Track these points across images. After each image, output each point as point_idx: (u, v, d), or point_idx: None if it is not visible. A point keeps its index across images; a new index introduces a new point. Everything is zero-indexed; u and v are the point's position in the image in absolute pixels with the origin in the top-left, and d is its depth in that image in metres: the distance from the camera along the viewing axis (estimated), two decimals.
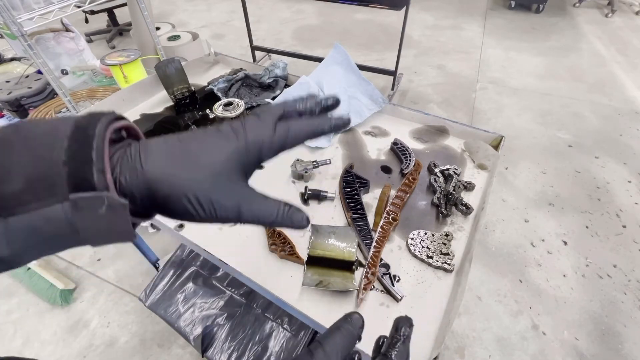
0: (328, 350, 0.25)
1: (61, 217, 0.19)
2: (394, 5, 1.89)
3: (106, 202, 0.19)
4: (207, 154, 0.23)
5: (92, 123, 0.20)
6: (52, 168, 0.19)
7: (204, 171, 0.22)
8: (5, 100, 1.39)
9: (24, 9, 1.02)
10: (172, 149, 0.22)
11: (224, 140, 0.23)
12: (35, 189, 0.18)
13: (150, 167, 0.21)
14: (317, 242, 0.53)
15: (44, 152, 0.19)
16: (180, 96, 0.89)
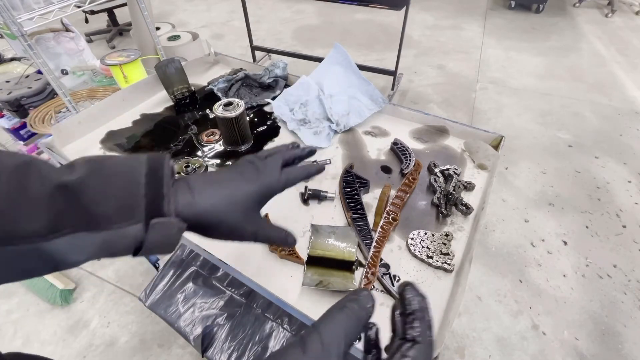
0: (326, 339, 0.20)
1: (133, 235, 0.25)
2: (394, 5, 1.89)
3: (176, 226, 0.26)
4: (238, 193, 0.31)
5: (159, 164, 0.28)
6: (134, 199, 0.25)
7: (236, 206, 0.31)
8: (5, 100, 1.38)
9: (24, 9, 1.02)
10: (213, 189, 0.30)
11: (249, 183, 0.32)
12: (121, 213, 0.24)
13: (199, 201, 0.29)
14: (317, 242, 0.53)
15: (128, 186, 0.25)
16: (180, 96, 0.89)
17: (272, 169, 0.34)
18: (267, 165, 0.34)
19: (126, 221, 0.24)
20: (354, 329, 0.22)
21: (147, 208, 0.25)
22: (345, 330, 0.21)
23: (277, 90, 0.92)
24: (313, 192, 0.63)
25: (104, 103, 0.84)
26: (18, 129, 1.54)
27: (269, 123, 0.84)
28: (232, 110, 0.69)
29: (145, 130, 0.82)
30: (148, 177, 0.26)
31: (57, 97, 1.48)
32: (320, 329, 0.21)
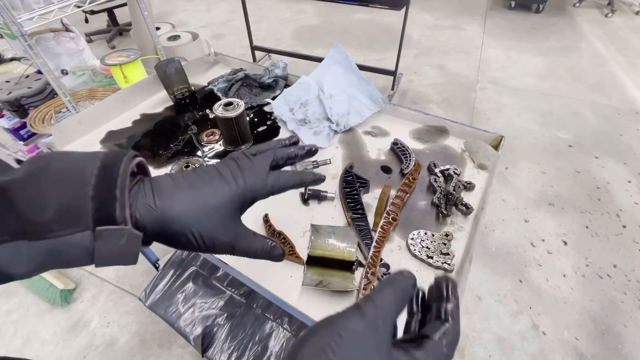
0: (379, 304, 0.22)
1: (82, 244, 0.22)
2: (394, 5, 1.89)
3: (126, 235, 0.23)
4: (211, 197, 0.27)
5: (116, 163, 0.24)
6: (80, 201, 0.22)
7: (208, 212, 0.27)
8: (5, 100, 1.38)
9: (24, 9, 1.02)
10: (181, 191, 0.27)
11: (225, 185, 0.28)
12: (64, 219, 0.22)
13: (162, 206, 0.25)
14: (317, 242, 0.53)
15: (74, 187, 0.22)
16: (180, 96, 0.89)
17: (258, 169, 0.30)
18: (252, 165, 0.30)
19: (71, 228, 0.22)
20: (402, 300, 0.23)
21: (95, 213, 0.22)
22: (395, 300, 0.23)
23: (277, 90, 0.92)
24: (313, 192, 0.63)
25: (104, 103, 0.84)
26: (18, 129, 1.54)
27: (269, 123, 0.84)
28: (232, 110, 0.69)
29: (145, 130, 0.82)
30: (99, 177, 0.23)
31: (57, 97, 1.48)
32: (374, 297, 0.22)
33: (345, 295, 0.50)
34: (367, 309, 0.21)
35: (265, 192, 0.30)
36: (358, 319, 0.21)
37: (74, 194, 0.22)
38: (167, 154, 0.75)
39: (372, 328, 0.21)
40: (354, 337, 0.20)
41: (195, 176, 0.28)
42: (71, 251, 0.22)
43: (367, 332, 0.20)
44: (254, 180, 0.29)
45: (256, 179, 0.29)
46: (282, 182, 0.31)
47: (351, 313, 0.21)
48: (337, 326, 0.20)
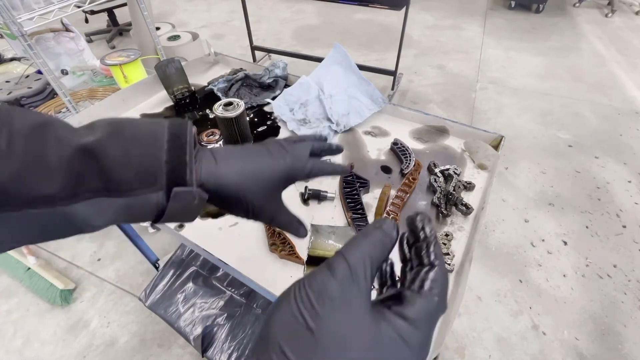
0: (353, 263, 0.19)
1: (155, 202, 0.25)
2: (394, 5, 1.89)
3: (197, 197, 0.26)
4: (263, 170, 0.30)
5: (182, 131, 0.27)
6: (155, 165, 0.25)
7: (260, 183, 0.30)
8: (5, 100, 1.39)
9: (24, 9, 1.02)
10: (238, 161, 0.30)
11: (274, 161, 0.31)
12: (143, 179, 0.24)
13: (222, 172, 0.28)
14: (317, 242, 0.53)
15: (150, 152, 0.25)
16: (180, 96, 0.89)
17: (301, 153, 0.33)
18: (296, 149, 0.33)
19: (147, 188, 0.24)
20: (379, 254, 0.21)
21: (168, 176, 0.25)
22: (370, 254, 0.20)
23: (277, 90, 0.92)
24: (313, 192, 0.63)
25: (104, 103, 0.84)
26: None
27: (269, 123, 0.84)
28: (232, 110, 0.69)
29: None
30: (170, 144, 0.25)
31: (57, 97, 1.48)
32: (345, 254, 0.20)
33: None
34: (337, 267, 0.19)
35: (305, 174, 0.33)
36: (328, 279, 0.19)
37: (151, 157, 0.25)
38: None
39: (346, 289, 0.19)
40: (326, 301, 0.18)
41: (249, 150, 0.31)
42: (144, 208, 0.25)
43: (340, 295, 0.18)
44: (298, 161, 0.32)
45: (299, 160, 0.32)
46: (319, 167, 0.34)
47: (320, 272, 0.20)
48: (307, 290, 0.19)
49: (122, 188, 0.23)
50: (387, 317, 0.19)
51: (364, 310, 0.19)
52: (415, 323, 0.19)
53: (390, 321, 0.19)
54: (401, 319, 0.19)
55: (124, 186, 0.23)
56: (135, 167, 0.24)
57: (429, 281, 0.20)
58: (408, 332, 0.18)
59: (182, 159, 0.25)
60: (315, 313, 0.18)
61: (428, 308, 0.19)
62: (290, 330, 0.18)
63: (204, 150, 0.29)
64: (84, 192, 0.22)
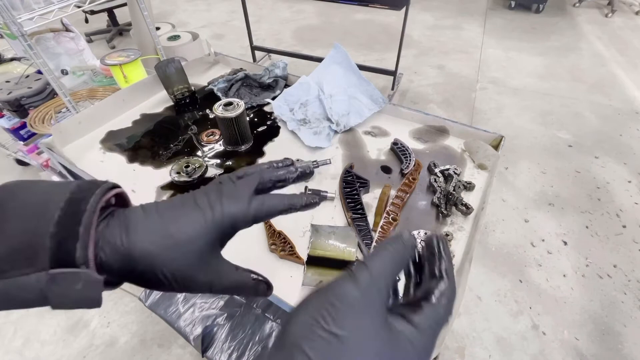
0: (375, 272, 0.20)
1: (35, 287, 0.20)
2: (394, 5, 1.89)
3: (83, 279, 0.20)
4: (185, 232, 0.24)
5: (86, 197, 0.22)
6: (37, 239, 0.20)
7: (180, 248, 0.24)
8: (5, 100, 1.38)
9: (24, 9, 1.02)
10: (152, 226, 0.24)
11: (200, 215, 0.25)
12: (17, 258, 0.20)
13: (130, 244, 0.22)
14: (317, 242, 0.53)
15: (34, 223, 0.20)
16: (180, 96, 0.89)
17: (240, 194, 0.27)
18: (234, 190, 0.27)
19: (24, 268, 0.20)
20: (398, 265, 0.22)
21: (52, 253, 0.20)
22: (391, 264, 0.22)
23: (277, 90, 0.92)
24: (313, 192, 0.63)
25: (104, 103, 0.84)
26: (18, 129, 1.54)
27: (269, 123, 0.84)
28: (232, 110, 0.69)
29: (145, 130, 0.82)
30: (63, 212, 0.21)
31: (57, 97, 1.48)
32: (368, 264, 0.21)
33: None
34: (361, 276, 0.20)
35: (248, 220, 0.27)
36: (351, 287, 0.20)
37: (33, 230, 0.20)
38: (167, 154, 0.75)
39: (367, 296, 0.20)
40: (347, 306, 0.19)
41: (168, 206, 0.25)
42: (23, 294, 0.20)
43: (361, 301, 0.19)
44: (234, 206, 0.26)
45: (236, 204, 0.26)
46: (267, 207, 0.28)
47: (344, 281, 0.20)
48: (329, 295, 0.20)
49: None
50: (399, 323, 0.20)
51: (382, 316, 0.20)
52: (422, 329, 0.20)
53: (401, 326, 0.20)
54: (410, 325, 0.20)
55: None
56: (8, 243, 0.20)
57: (437, 292, 0.21)
58: (415, 337, 0.20)
59: (74, 231, 0.20)
60: (338, 317, 0.18)
61: (435, 317, 0.21)
62: (312, 332, 0.18)
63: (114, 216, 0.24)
64: None
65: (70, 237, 0.20)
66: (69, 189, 0.22)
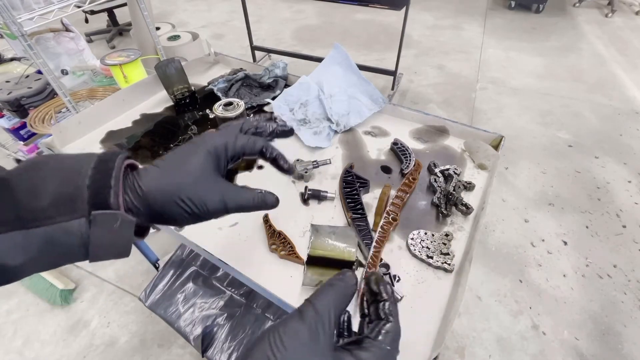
0: (320, 308, 0.23)
1: (77, 231, 0.22)
2: (394, 5, 1.89)
3: (120, 219, 0.23)
4: (187, 162, 0.28)
5: (112, 158, 0.25)
6: (76, 189, 0.23)
7: (188, 176, 0.28)
8: (5, 100, 1.38)
9: (24, 9, 1.02)
10: (160, 166, 0.28)
11: (195, 148, 0.29)
12: (60, 205, 0.22)
13: (145, 184, 0.26)
14: (317, 242, 0.53)
15: (71, 176, 0.23)
16: (180, 96, 0.89)
17: (228, 131, 0.32)
18: (223, 130, 0.32)
19: (67, 215, 0.22)
20: (342, 301, 0.24)
21: (90, 200, 0.23)
22: (335, 301, 0.24)
23: (277, 90, 0.92)
24: (313, 192, 0.63)
25: (104, 103, 0.84)
26: (18, 129, 1.54)
27: None
28: (232, 110, 0.69)
29: (145, 130, 0.82)
30: (95, 170, 0.24)
31: (57, 97, 1.48)
32: (313, 301, 0.23)
33: None
34: (307, 313, 0.22)
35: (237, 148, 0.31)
36: (298, 323, 0.22)
37: (71, 183, 0.23)
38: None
39: (313, 331, 0.22)
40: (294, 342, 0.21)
41: (171, 152, 0.30)
42: (66, 239, 0.22)
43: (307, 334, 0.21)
44: (222, 137, 0.31)
45: (224, 137, 0.31)
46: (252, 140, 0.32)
47: (291, 318, 0.22)
48: (279, 332, 0.21)
49: (37, 217, 0.21)
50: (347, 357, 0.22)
51: (328, 349, 0.22)
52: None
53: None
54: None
55: (39, 214, 0.21)
56: (51, 194, 0.22)
57: (383, 332, 0.24)
58: None
59: (106, 183, 0.24)
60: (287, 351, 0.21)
61: (380, 354, 0.23)
62: None
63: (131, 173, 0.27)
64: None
65: (104, 188, 0.23)
66: (95, 154, 0.26)
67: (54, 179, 0.23)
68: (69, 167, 0.24)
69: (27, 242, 0.21)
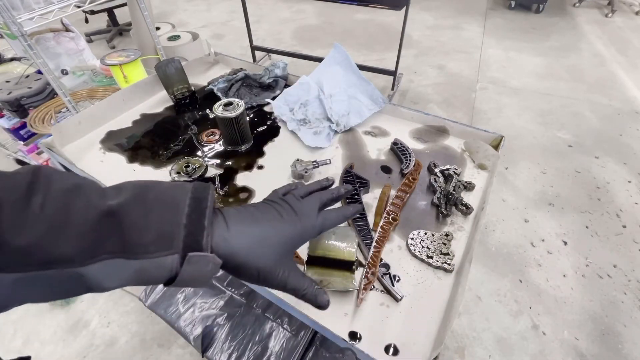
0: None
1: (169, 266, 0.25)
2: (394, 5, 1.89)
3: (212, 261, 0.26)
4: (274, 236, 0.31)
5: (204, 195, 0.27)
6: (174, 227, 0.25)
7: (271, 252, 0.30)
8: (5, 100, 1.38)
9: (24, 9, 1.02)
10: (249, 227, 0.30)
11: (286, 226, 0.32)
12: (160, 242, 0.24)
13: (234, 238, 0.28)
14: (317, 242, 0.53)
15: (170, 213, 0.25)
16: (180, 96, 0.89)
17: (310, 212, 0.34)
18: (304, 208, 0.34)
19: (164, 251, 0.24)
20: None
21: (185, 240, 0.25)
22: None
23: (277, 90, 0.92)
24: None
25: (104, 103, 0.84)
26: (18, 129, 1.54)
27: (269, 123, 0.84)
28: (232, 110, 0.69)
29: (145, 130, 0.82)
30: (191, 208, 0.26)
31: (57, 97, 1.48)
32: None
33: (345, 295, 0.50)
34: None
35: (316, 232, 0.34)
36: None
37: (170, 220, 0.25)
38: (167, 154, 0.75)
39: None
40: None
41: (260, 214, 0.32)
42: (157, 272, 0.24)
43: None
44: (308, 222, 0.33)
45: (309, 221, 0.33)
46: (330, 221, 0.36)
47: None
48: None
49: (138, 250, 0.24)
50: None
51: None
52: None
53: None
54: None
55: (140, 249, 0.24)
56: (154, 230, 0.24)
57: None
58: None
59: (201, 223, 0.26)
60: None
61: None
62: None
63: (216, 214, 0.29)
64: (102, 253, 0.22)
65: (198, 228, 0.25)
66: (189, 188, 0.28)
67: (155, 216, 0.25)
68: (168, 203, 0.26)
69: (124, 269, 0.23)
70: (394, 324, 0.47)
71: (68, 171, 0.77)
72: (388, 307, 0.49)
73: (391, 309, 0.48)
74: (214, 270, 0.26)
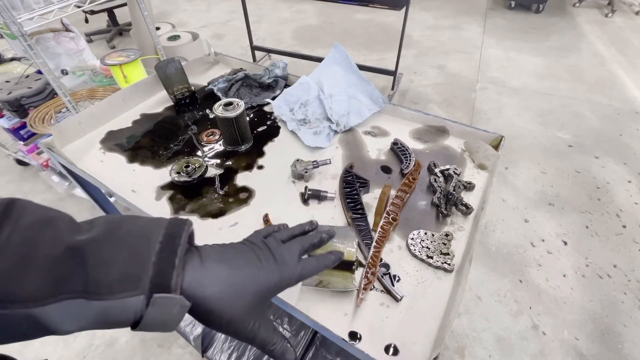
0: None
1: (133, 308, 0.22)
2: (394, 5, 1.89)
3: (179, 304, 0.24)
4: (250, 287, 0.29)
5: (178, 232, 0.26)
6: (142, 266, 0.23)
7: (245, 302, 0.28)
8: (5, 100, 1.39)
9: (24, 9, 1.02)
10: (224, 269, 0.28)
11: (264, 274, 0.30)
12: (125, 281, 0.22)
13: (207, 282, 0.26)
14: None
15: (140, 249, 0.24)
16: (180, 96, 0.89)
17: (290, 260, 0.33)
18: (284, 255, 0.32)
19: (129, 291, 0.22)
20: None
21: (153, 279, 0.23)
22: None
23: (277, 90, 0.92)
24: (313, 192, 0.63)
25: (104, 103, 0.83)
26: (18, 129, 1.54)
27: (269, 123, 0.84)
28: (232, 110, 0.69)
29: (145, 130, 0.82)
30: (162, 245, 0.24)
31: (57, 97, 1.48)
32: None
33: (345, 295, 0.50)
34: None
35: (294, 281, 0.33)
36: None
37: (138, 258, 0.23)
38: (167, 154, 0.75)
39: None
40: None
41: (238, 257, 0.30)
42: (121, 314, 0.22)
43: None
44: (287, 271, 0.32)
45: (289, 270, 0.32)
46: (308, 270, 0.34)
47: None
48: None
49: (101, 291, 0.22)
50: None
51: None
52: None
53: None
54: None
55: (104, 288, 0.22)
56: (120, 267, 0.23)
57: None
58: None
59: (171, 262, 0.24)
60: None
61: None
62: None
63: (192, 252, 0.27)
64: (61, 293, 0.21)
65: (168, 267, 0.24)
66: (163, 225, 0.26)
67: (123, 252, 0.23)
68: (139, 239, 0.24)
69: (83, 311, 0.22)
70: (394, 324, 0.47)
71: (69, 173, 0.77)
72: (388, 307, 0.49)
73: (391, 309, 0.48)
74: (181, 313, 0.24)
